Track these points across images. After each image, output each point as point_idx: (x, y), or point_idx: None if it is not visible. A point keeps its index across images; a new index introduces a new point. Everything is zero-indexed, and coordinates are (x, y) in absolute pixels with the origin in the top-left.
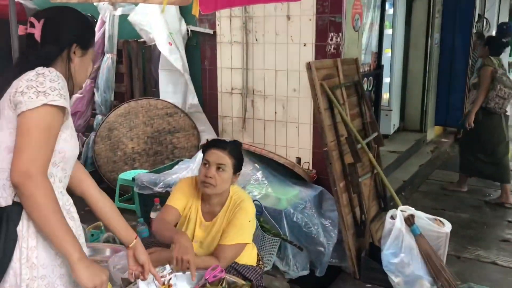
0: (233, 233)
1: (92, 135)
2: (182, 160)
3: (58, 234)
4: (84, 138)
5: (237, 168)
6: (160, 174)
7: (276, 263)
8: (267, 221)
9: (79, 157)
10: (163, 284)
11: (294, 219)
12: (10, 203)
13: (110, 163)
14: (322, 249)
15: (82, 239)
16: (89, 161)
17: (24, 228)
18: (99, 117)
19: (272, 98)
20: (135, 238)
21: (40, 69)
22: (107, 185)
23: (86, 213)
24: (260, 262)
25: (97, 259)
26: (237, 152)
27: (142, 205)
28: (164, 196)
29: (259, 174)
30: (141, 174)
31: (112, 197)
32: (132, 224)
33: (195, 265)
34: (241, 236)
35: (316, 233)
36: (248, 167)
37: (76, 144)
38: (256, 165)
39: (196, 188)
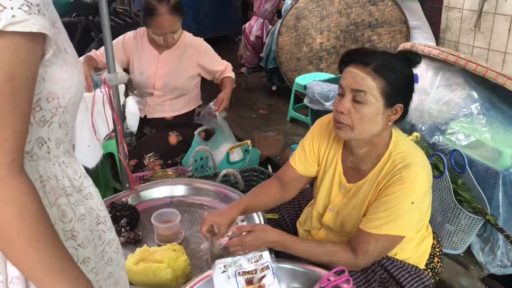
0: (382, 216)
1: (278, 23)
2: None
3: (44, 276)
4: (270, 26)
5: (394, 96)
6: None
7: (472, 246)
8: (469, 185)
9: (260, 48)
10: (250, 283)
11: None
12: None
13: (293, 60)
14: None
15: (108, 234)
16: (271, 55)
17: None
18: (288, 1)
19: None
20: None
21: None
22: (286, 86)
23: None
24: (435, 259)
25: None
26: (392, 68)
27: (315, 121)
28: None
29: (474, 108)
30: (315, 82)
31: (288, 101)
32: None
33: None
34: (396, 224)
35: None
36: (459, 94)
37: (80, 79)
38: (472, 92)
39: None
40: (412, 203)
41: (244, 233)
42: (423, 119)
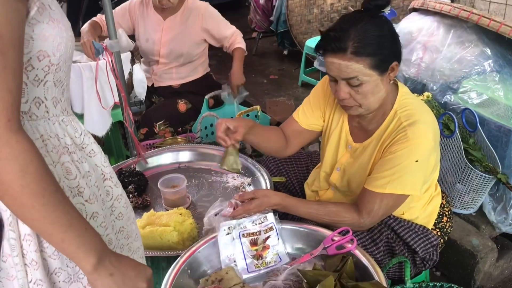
0: (387, 175)
1: None
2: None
3: (52, 230)
4: None
5: (384, 62)
6: None
7: (484, 206)
8: (481, 144)
9: (270, 11)
10: (255, 244)
11: None
12: None
13: (303, 22)
14: None
15: (116, 189)
16: (282, 18)
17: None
18: None
19: None
20: None
21: None
22: (298, 50)
23: None
24: (444, 218)
25: None
26: (368, 39)
27: None
28: None
29: (487, 65)
30: None
31: (299, 65)
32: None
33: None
34: (400, 182)
35: None
36: (471, 51)
37: (68, 36)
38: (485, 49)
39: None
40: (417, 161)
41: (247, 201)
42: (434, 78)
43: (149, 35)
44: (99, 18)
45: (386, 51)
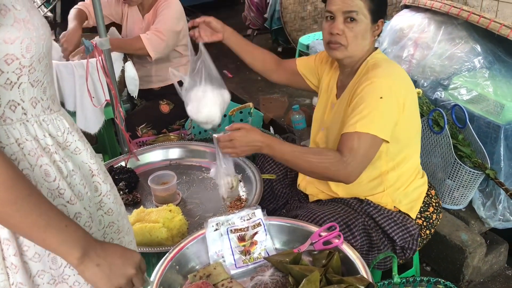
0: (356, 114)
1: None
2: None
3: (31, 232)
4: None
5: (378, 12)
6: None
7: (473, 201)
8: (470, 140)
9: (264, 9)
10: (242, 239)
11: None
12: None
13: (297, 20)
14: None
15: (104, 185)
16: (276, 15)
17: None
18: None
19: None
20: None
21: None
22: (292, 47)
23: None
24: (431, 208)
25: None
26: None
27: None
28: None
29: (477, 61)
30: (318, 41)
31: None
32: (301, 103)
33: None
34: (368, 120)
35: None
36: (461, 48)
37: (39, 34)
38: (476, 46)
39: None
40: (381, 97)
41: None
42: (425, 74)
43: (129, 32)
44: (83, 4)
45: (381, 4)
